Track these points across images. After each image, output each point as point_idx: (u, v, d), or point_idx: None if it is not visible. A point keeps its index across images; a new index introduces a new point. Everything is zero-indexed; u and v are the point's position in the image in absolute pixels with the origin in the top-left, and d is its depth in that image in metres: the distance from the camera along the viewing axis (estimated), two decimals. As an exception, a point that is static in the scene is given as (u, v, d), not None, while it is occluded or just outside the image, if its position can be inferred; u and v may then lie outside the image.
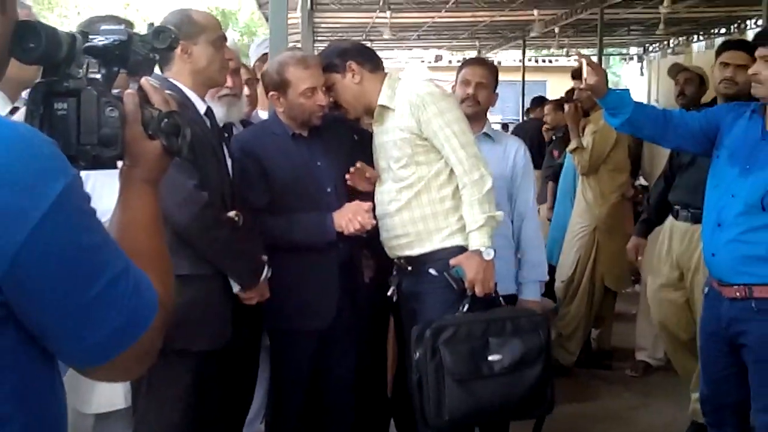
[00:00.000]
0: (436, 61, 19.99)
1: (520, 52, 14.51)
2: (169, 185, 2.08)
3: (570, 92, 4.94)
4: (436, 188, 2.48)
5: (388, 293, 2.62)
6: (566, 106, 4.86)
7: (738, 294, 2.38)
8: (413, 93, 2.46)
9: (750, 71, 2.38)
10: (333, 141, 2.59)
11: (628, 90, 2.67)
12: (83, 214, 0.85)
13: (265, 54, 3.25)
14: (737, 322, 2.40)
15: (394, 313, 2.84)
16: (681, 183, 3.34)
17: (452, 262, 2.43)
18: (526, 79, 13.97)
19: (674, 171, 3.42)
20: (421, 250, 2.49)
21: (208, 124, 2.27)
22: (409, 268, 2.54)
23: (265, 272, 2.30)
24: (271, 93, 2.51)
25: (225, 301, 2.23)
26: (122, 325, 0.87)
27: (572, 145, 4.32)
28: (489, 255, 2.39)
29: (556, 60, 18.90)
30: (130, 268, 0.89)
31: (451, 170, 2.46)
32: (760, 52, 2.35)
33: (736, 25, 11.77)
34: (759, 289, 2.33)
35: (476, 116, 2.88)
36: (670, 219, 3.42)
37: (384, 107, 2.51)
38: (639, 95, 3.22)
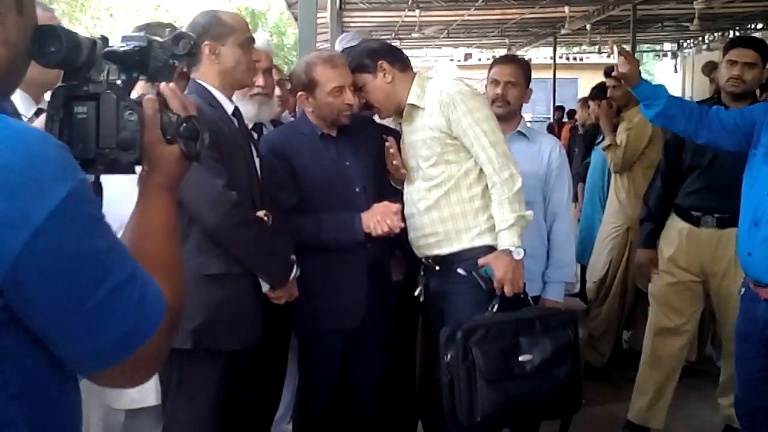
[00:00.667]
0: (465, 59, 19.91)
1: (550, 49, 14.39)
2: (197, 185, 2.06)
3: (597, 88, 4.85)
4: (465, 187, 2.46)
5: (415, 293, 2.61)
6: (591, 104, 4.80)
7: None
8: (443, 92, 2.45)
9: None
10: (361, 141, 2.58)
11: (662, 84, 2.65)
12: (89, 220, 0.84)
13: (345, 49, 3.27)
14: None
15: (423, 312, 2.82)
16: (700, 186, 3.15)
17: (481, 261, 2.40)
18: (557, 76, 13.85)
19: (684, 173, 3.22)
20: (450, 249, 2.47)
21: (236, 124, 2.28)
22: (437, 267, 2.52)
23: (294, 272, 2.29)
24: (299, 93, 2.51)
25: (255, 301, 2.22)
26: (126, 332, 0.86)
27: (606, 142, 4.25)
28: (519, 254, 2.36)
29: (588, 57, 18.69)
30: (137, 274, 0.88)
31: (481, 169, 2.44)
32: None
33: (773, 20, 11.53)
34: None
35: (508, 116, 2.84)
36: (681, 224, 3.20)
37: (413, 106, 2.50)
38: (673, 92, 3.18)
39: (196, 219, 2.12)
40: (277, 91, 3.37)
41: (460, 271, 2.45)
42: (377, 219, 2.38)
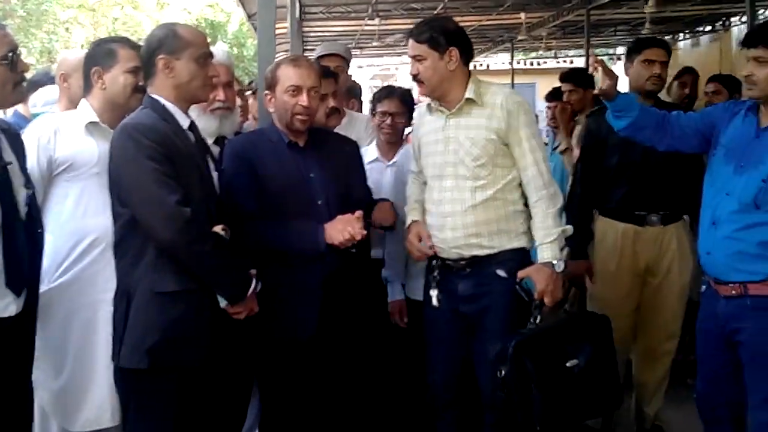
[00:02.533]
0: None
1: (508, 55, 14.57)
2: (150, 202, 2.09)
3: (552, 92, 4.95)
4: (509, 191, 2.54)
5: (433, 297, 2.58)
6: (547, 109, 4.89)
7: (734, 292, 2.38)
8: (509, 99, 2.52)
9: (743, 72, 2.39)
10: (327, 154, 2.58)
11: (632, 94, 2.68)
12: None
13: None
14: (733, 320, 2.40)
15: (426, 318, 2.72)
16: (637, 185, 3.11)
17: (521, 274, 2.47)
18: (515, 81, 14.03)
19: (612, 175, 3.15)
20: (490, 250, 2.52)
21: (192, 138, 2.27)
22: (468, 270, 2.55)
23: (253, 286, 2.28)
24: (265, 94, 2.52)
25: (212, 317, 2.21)
26: None
27: (562, 145, 4.35)
28: (560, 267, 2.48)
29: (545, 62, 18.97)
30: None
31: (519, 178, 2.54)
32: (750, 53, 2.36)
33: (720, 23, 11.87)
34: (754, 286, 2.34)
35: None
36: (621, 226, 3.16)
37: (471, 102, 2.53)
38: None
39: (151, 235, 2.12)
40: (238, 101, 3.39)
41: (500, 272, 2.50)
42: (338, 228, 2.39)
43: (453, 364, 2.63)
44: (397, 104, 3.19)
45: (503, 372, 2.33)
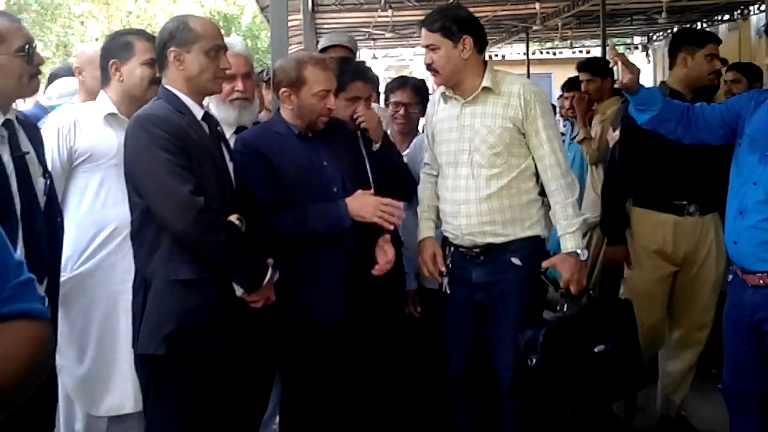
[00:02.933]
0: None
1: (524, 45, 14.48)
2: (164, 192, 2.11)
3: (569, 81, 4.91)
4: (524, 180, 2.54)
5: (444, 284, 2.61)
6: (564, 99, 4.85)
7: (761, 281, 2.36)
8: (527, 88, 2.53)
9: (767, 61, 2.37)
10: (337, 143, 2.59)
11: (656, 87, 2.65)
12: None
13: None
14: (761, 310, 2.38)
15: (439, 303, 2.74)
16: (676, 174, 3.08)
17: (546, 264, 2.50)
18: (531, 72, 13.94)
19: (649, 162, 3.11)
20: (505, 238, 2.53)
21: (206, 128, 2.28)
22: (482, 257, 2.55)
23: (270, 275, 2.29)
24: (283, 90, 2.50)
25: (229, 305, 2.23)
26: None
27: (580, 135, 4.32)
28: (584, 255, 2.51)
29: (561, 52, 18.83)
30: None
31: (535, 167, 2.53)
32: None
33: (738, 12, 11.71)
34: None
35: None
36: (660, 215, 3.13)
37: (488, 90, 2.52)
38: (645, 83, 3.25)
39: (165, 226, 2.14)
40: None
41: (514, 260, 2.52)
42: (364, 202, 2.39)
43: (468, 351, 2.64)
44: (410, 94, 3.17)
45: (534, 360, 2.34)
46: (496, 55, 18.25)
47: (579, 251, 2.48)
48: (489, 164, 2.50)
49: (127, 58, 2.49)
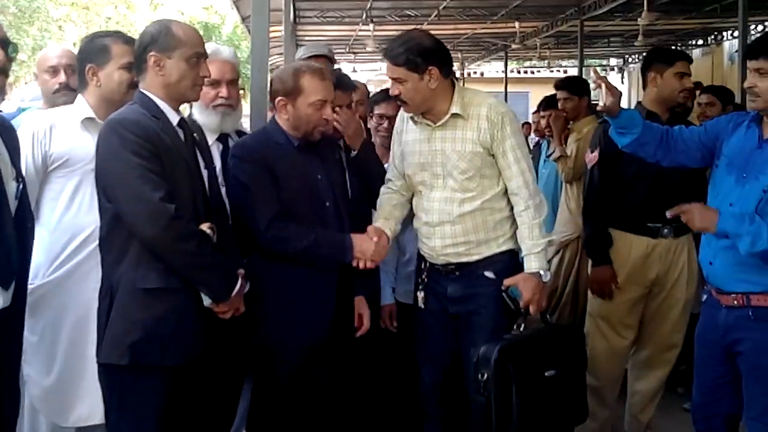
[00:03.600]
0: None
1: (502, 63, 14.63)
2: (134, 198, 2.06)
3: (546, 100, 4.95)
4: (497, 200, 2.55)
5: (419, 299, 2.61)
6: (540, 117, 4.89)
7: (735, 302, 2.37)
8: (493, 110, 2.52)
9: (746, 84, 2.39)
10: (327, 155, 2.57)
11: (635, 110, 2.65)
12: None
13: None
14: (734, 330, 2.39)
15: (414, 318, 2.72)
16: (652, 197, 3.07)
17: (508, 282, 2.48)
18: (508, 90, 14.08)
19: (627, 185, 3.10)
20: (479, 256, 2.54)
21: (182, 135, 2.23)
22: (457, 273, 2.56)
23: (239, 285, 2.23)
24: (279, 99, 2.46)
25: (197, 315, 2.17)
26: None
27: (556, 153, 4.36)
28: (546, 277, 2.50)
29: (538, 71, 19.06)
30: None
31: (504, 186, 2.55)
32: (752, 64, 2.36)
33: (712, 37, 11.97)
34: (756, 297, 2.33)
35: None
36: (634, 238, 3.12)
37: (457, 116, 2.52)
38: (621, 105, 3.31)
39: (135, 232, 2.09)
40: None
41: (487, 274, 2.52)
42: (370, 252, 2.43)
43: (441, 363, 2.64)
44: (395, 107, 3.17)
45: (486, 375, 2.33)
46: (475, 73, 18.42)
47: (542, 272, 2.48)
48: (462, 188, 2.52)
49: (104, 63, 2.44)
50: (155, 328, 2.09)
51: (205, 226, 2.16)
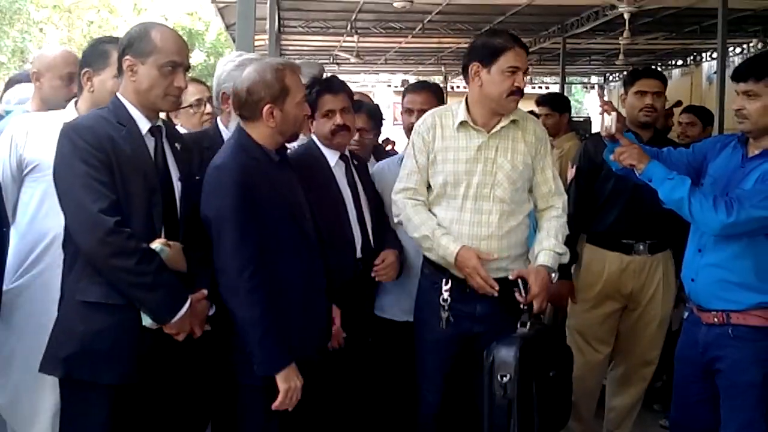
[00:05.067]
0: (402, 85, 20.09)
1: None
2: (75, 207, 1.96)
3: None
4: (528, 216, 2.57)
5: (442, 320, 2.48)
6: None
7: (716, 320, 2.40)
8: (538, 126, 2.61)
9: (734, 106, 2.41)
10: (299, 164, 2.50)
11: (632, 134, 2.66)
12: None
13: None
14: (713, 348, 2.41)
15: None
16: (626, 214, 3.10)
17: (520, 272, 2.43)
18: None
19: (603, 201, 3.14)
20: (505, 274, 2.49)
21: (152, 144, 2.10)
22: (467, 290, 2.48)
23: (185, 308, 2.03)
24: (267, 106, 2.22)
25: (142, 335, 2.02)
26: None
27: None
28: (554, 278, 2.51)
29: (520, 87, 19.20)
30: None
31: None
32: (740, 87, 2.39)
33: (691, 58, 12.16)
34: (736, 315, 2.36)
35: None
36: (608, 254, 3.15)
37: (514, 124, 2.53)
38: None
39: (75, 242, 2.00)
40: (208, 108, 3.31)
41: (519, 298, 2.44)
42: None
43: (445, 384, 2.59)
44: (366, 119, 3.10)
45: (508, 376, 2.29)
46: (458, 87, 18.50)
47: (554, 273, 2.48)
48: (510, 200, 2.49)
49: (101, 69, 2.36)
50: (92, 342, 1.99)
51: (157, 242, 2.02)
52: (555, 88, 13.22)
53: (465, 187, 2.49)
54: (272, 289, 2.16)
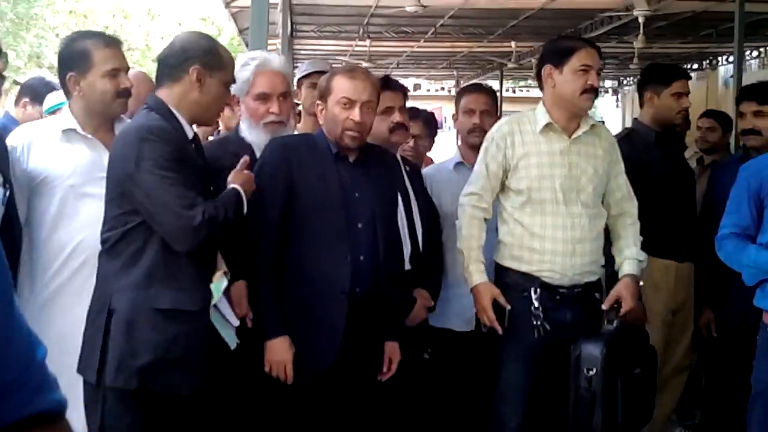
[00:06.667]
0: (414, 90, 20.12)
1: (497, 82, 14.67)
2: (163, 210, 1.96)
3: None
4: (605, 220, 2.59)
5: (537, 329, 2.44)
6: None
7: None
8: (610, 134, 2.63)
9: (744, 126, 2.40)
10: (380, 173, 2.38)
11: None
12: None
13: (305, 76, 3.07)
14: None
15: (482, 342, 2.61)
16: (674, 222, 3.03)
17: (615, 295, 2.47)
18: (503, 109, 14.10)
19: (654, 208, 2.99)
20: (595, 277, 2.55)
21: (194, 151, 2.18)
22: (580, 295, 2.51)
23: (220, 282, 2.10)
24: (317, 103, 2.34)
25: (210, 343, 2.07)
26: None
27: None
28: (641, 284, 2.58)
29: (533, 90, 19.14)
30: None
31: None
32: (749, 107, 2.37)
33: (707, 61, 12.04)
34: None
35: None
36: (664, 262, 3.06)
37: (593, 129, 2.53)
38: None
39: (175, 246, 2.00)
40: (227, 111, 3.30)
41: (597, 295, 2.56)
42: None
43: (531, 405, 2.54)
44: (422, 127, 3.12)
45: (594, 370, 2.30)
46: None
47: (640, 282, 2.56)
48: (593, 204, 2.51)
49: (86, 71, 2.28)
50: (165, 352, 1.97)
51: (219, 275, 2.10)
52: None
53: (551, 192, 2.47)
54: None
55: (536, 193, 2.48)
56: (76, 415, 2.24)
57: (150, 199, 1.97)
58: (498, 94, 14.53)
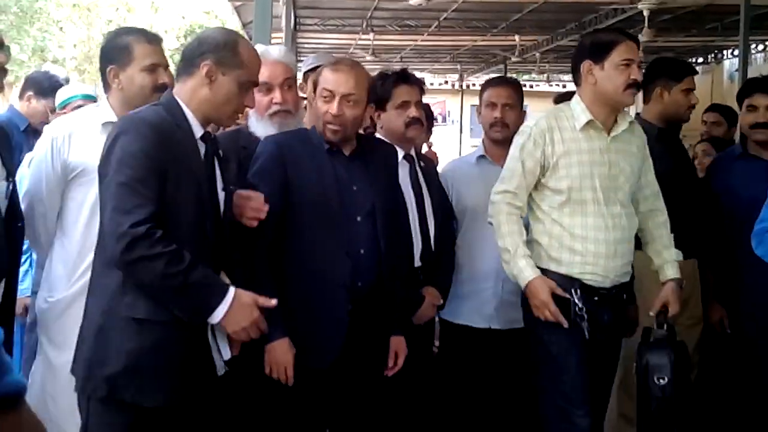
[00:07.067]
0: (418, 83, 20.09)
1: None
2: (108, 212, 1.79)
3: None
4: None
5: (585, 331, 2.38)
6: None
7: None
8: (642, 131, 2.57)
9: (753, 120, 2.38)
10: (378, 165, 2.33)
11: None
12: None
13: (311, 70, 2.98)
14: None
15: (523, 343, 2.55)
16: (682, 218, 2.90)
17: (662, 302, 2.47)
18: (507, 103, 14.06)
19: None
20: (628, 278, 2.52)
21: (202, 151, 1.96)
22: (620, 295, 2.48)
23: (227, 301, 1.86)
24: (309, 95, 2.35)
25: (184, 353, 1.89)
26: None
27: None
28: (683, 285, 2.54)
29: (537, 85, 19.08)
30: None
31: None
32: (761, 100, 2.35)
33: (712, 55, 12.00)
34: None
35: (506, 141, 2.69)
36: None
37: (630, 127, 2.50)
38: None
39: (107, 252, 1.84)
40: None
41: (625, 297, 2.51)
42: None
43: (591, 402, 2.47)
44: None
45: (665, 379, 2.31)
46: (474, 85, 18.42)
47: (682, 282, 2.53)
48: (628, 203, 2.49)
49: (126, 64, 2.30)
50: (137, 362, 1.84)
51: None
52: (572, 86, 13.14)
53: (592, 191, 2.40)
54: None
55: (577, 193, 2.39)
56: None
57: (101, 195, 1.88)
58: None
